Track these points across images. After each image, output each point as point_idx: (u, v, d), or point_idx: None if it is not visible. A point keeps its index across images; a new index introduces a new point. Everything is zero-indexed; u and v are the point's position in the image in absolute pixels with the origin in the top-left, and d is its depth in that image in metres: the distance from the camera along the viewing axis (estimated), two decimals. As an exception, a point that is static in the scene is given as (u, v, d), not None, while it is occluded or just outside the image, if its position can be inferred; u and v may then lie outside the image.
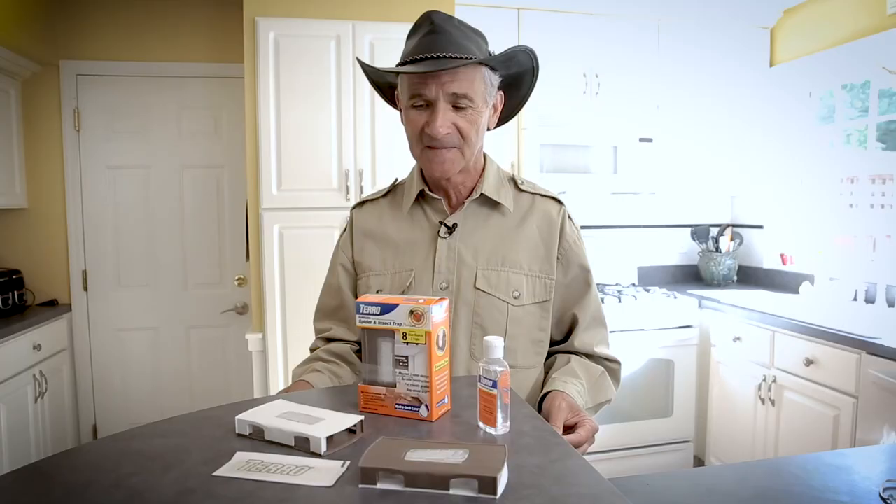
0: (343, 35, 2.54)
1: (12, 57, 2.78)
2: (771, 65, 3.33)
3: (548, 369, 1.19)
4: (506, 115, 1.21)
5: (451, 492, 0.63)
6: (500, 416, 0.80)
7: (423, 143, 1.07)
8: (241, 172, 3.08)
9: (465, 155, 1.09)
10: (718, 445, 2.93)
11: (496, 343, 0.83)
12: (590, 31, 3.07)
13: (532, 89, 1.19)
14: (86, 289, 3.21)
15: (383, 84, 1.19)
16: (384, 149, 2.61)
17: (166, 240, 3.28)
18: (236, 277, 3.31)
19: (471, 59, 1.02)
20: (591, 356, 1.19)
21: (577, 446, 0.99)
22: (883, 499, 0.92)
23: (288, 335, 2.56)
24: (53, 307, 3.08)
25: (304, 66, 2.52)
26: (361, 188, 2.60)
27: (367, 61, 2.58)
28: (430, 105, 1.04)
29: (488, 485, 0.62)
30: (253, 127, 2.55)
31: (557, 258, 1.16)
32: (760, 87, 3.32)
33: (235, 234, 3.31)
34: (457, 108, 1.04)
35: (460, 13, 2.66)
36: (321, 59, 2.54)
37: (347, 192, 2.59)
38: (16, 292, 2.88)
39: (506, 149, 2.99)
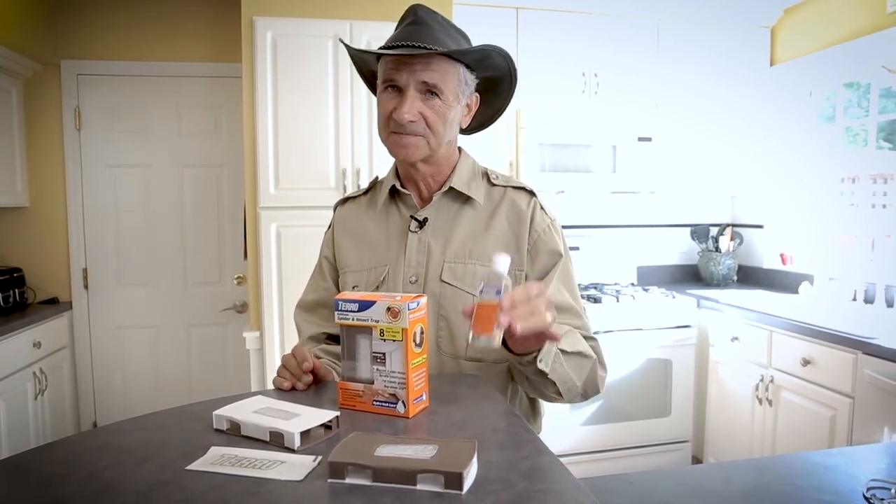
0: (341, 34, 2.54)
1: (13, 56, 2.81)
2: (771, 64, 3.32)
3: None
4: (482, 121, 1.22)
5: (419, 487, 0.63)
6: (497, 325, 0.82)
7: (390, 128, 1.10)
8: (241, 171, 3.08)
9: (431, 144, 1.10)
10: (716, 445, 2.92)
11: (504, 259, 0.86)
12: (589, 30, 3.07)
13: (510, 98, 1.20)
14: (86, 287, 3.23)
15: (367, 71, 1.22)
16: (381, 148, 2.58)
17: (166, 238, 3.30)
18: (235, 276, 3.32)
19: (438, 49, 1.03)
20: None
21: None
22: (866, 498, 0.92)
23: (285, 333, 2.56)
24: (54, 305, 3.10)
25: (302, 66, 2.53)
26: (358, 187, 2.59)
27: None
28: (401, 91, 1.07)
29: (454, 480, 0.62)
30: (251, 126, 2.56)
31: (527, 249, 1.13)
32: (760, 87, 3.30)
33: (235, 232, 3.32)
34: (426, 97, 1.06)
35: (458, 13, 2.66)
36: (319, 58, 2.55)
37: (344, 191, 2.59)
38: (17, 290, 2.90)
39: (504, 148, 2.99)
